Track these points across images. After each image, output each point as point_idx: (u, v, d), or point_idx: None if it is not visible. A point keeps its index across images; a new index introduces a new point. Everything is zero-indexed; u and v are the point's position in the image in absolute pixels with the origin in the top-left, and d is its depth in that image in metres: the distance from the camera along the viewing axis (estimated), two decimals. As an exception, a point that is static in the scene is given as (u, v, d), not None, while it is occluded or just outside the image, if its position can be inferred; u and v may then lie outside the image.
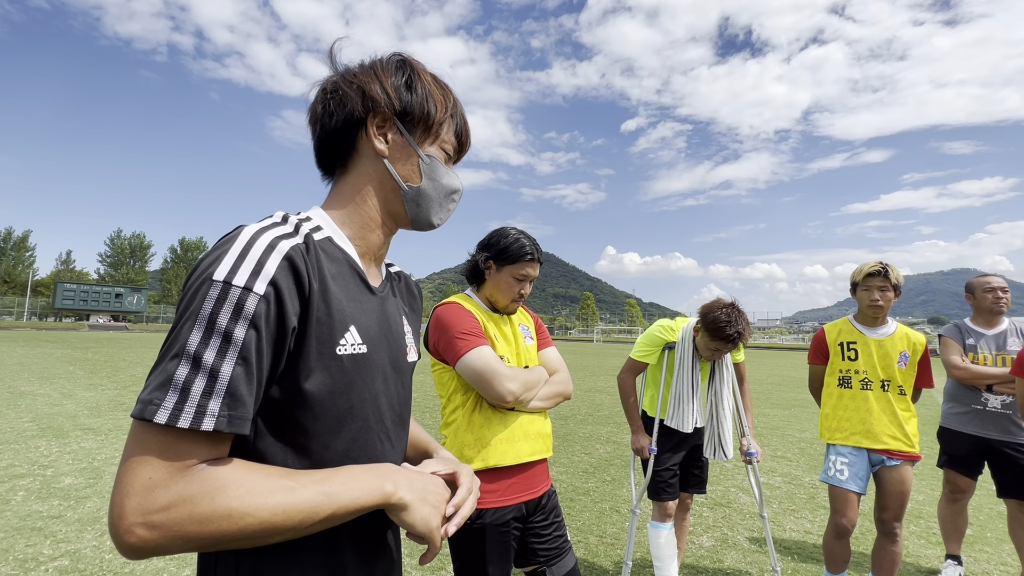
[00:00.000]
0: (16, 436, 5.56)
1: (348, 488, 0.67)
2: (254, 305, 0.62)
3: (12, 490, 3.95)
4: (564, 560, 1.73)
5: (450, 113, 0.87)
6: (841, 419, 2.64)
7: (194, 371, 0.59)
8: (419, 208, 0.86)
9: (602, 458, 5.63)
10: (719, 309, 2.43)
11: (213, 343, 0.60)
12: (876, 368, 2.59)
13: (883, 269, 2.53)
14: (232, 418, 0.60)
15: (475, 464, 1.60)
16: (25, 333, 29.54)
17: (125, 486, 0.57)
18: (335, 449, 0.73)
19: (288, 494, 0.63)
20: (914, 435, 2.53)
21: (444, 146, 0.87)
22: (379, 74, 0.82)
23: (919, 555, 3.40)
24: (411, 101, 0.82)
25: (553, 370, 1.80)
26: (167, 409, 0.58)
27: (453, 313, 1.67)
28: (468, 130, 0.92)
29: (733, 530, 3.70)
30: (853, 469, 2.55)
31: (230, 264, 0.63)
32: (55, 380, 9.97)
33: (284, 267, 0.66)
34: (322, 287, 0.70)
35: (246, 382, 0.62)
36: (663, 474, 2.64)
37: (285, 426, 0.69)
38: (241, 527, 0.59)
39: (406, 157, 0.83)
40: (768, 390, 12.49)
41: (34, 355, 15.10)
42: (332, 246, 0.77)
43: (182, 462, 0.59)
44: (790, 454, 6.08)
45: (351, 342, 0.74)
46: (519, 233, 1.77)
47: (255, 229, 0.69)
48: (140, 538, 0.56)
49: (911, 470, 2.51)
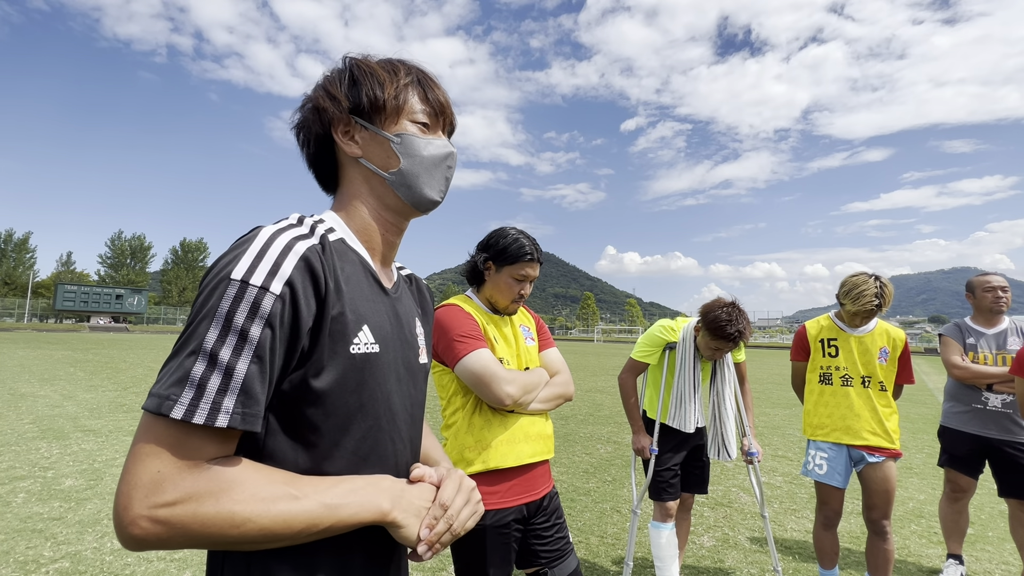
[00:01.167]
0: (17, 438, 5.56)
1: (347, 503, 0.68)
2: (270, 305, 0.63)
3: (13, 492, 3.95)
4: (566, 562, 1.72)
5: (404, 83, 0.84)
6: (822, 415, 2.67)
7: (210, 368, 0.60)
8: (411, 189, 0.84)
9: (603, 458, 5.63)
10: (720, 308, 2.43)
11: (230, 341, 0.61)
12: (856, 364, 2.60)
13: (877, 307, 2.49)
14: (246, 415, 0.62)
15: (476, 466, 1.60)
16: (26, 335, 29.55)
17: (133, 477, 0.58)
18: (345, 447, 0.73)
19: (290, 503, 0.64)
20: (895, 431, 2.55)
21: (414, 117, 0.84)
22: (327, 85, 0.84)
23: (920, 554, 3.40)
24: (358, 93, 0.82)
25: (554, 371, 1.80)
26: (183, 405, 0.59)
27: (453, 315, 1.67)
28: (439, 92, 0.88)
29: (734, 530, 3.70)
30: (832, 464, 2.59)
31: (248, 264, 0.65)
32: (56, 382, 9.98)
33: (301, 267, 0.67)
34: (337, 287, 0.71)
35: (260, 380, 0.63)
36: (664, 474, 2.64)
37: (296, 423, 0.70)
38: (242, 531, 0.60)
39: (378, 147, 0.83)
40: (769, 389, 12.49)
41: (35, 357, 15.10)
42: (345, 247, 0.79)
43: (192, 458, 0.60)
44: (791, 453, 6.08)
45: (364, 341, 0.74)
46: (518, 233, 1.77)
47: (273, 230, 0.70)
48: (144, 530, 0.57)
49: (894, 466, 2.53)
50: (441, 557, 3.02)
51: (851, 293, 2.54)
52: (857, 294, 2.51)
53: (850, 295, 2.54)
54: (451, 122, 0.91)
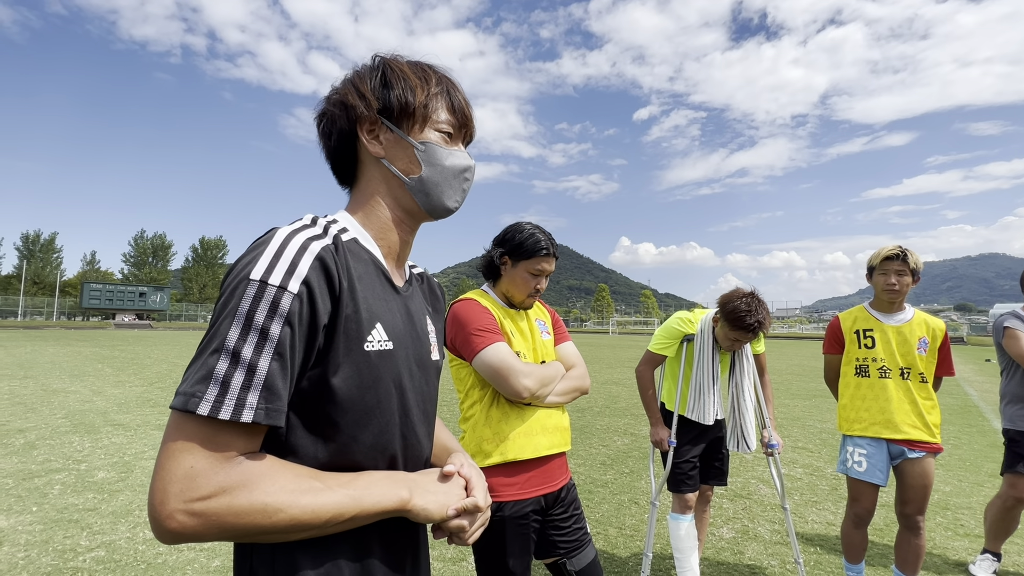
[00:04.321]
0: (51, 432, 5.77)
1: (370, 492, 0.71)
2: (289, 303, 0.65)
3: (49, 484, 4.10)
4: (584, 552, 1.74)
5: (434, 92, 0.85)
6: (859, 409, 2.57)
7: (233, 365, 0.62)
8: (428, 197, 0.86)
9: (620, 450, 5.63)
10: (739, 299, 2.41)
11: (251, 339, 0.63)
12: (895, 355, 2.50)
13: (901, 252, 2.43)
14: (269, 410, 0.63)
15: (494, 458, 1.62)
16: (55, 332, 30.51)
17: (168, 472, 0.60)
18: (363, 442, 0.75)
19: (318, 494, 0.66)
20: (936, 425, 2.45)
21: (439, 127, 0.85)
22: (356, 82, 0.84)
23: (946, 547, 3.34)
24: (388, 96, 0.82)
25: (570, 365, 1.80)
26: (208, 401, 0.60)
27: (470, 309, 1.68)
28: (465, 104, 0.89)
29: (754, 522, 3.68)
30: (872, 460, 2.48)
31: (266, 264, 0.66)
32: (85, 377, 10.30)
33: (316, 267, 0.68)
34: (351, 286, 0.73)
35: (281, 376, 0.65)
36: (683, 466, 2.63)
37: (315, 420, 0.72)
38: (274, 522, 0.63)
39: (402, 151, 0.84)
40: (788, 380, 12.33)
41: (65, 354, 15.60)
42: (358, 247, 0.80)
43: (222, 452, 0.62)
44: (811, 445, 6.01)
45: (378, 339, 0.76)
46: (534, 228, 1.77)
47: (288, 231, 0.72)
48: (181, 524, 0.59)
49: (933, 462, 2.44)
50: (461, 548, 3.07)
51: (877, 253, 2.52)
52: (878, 251, 2.51)
53: (876, 255, 2.53)
54: (472, 133, 0.92)
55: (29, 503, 3.69)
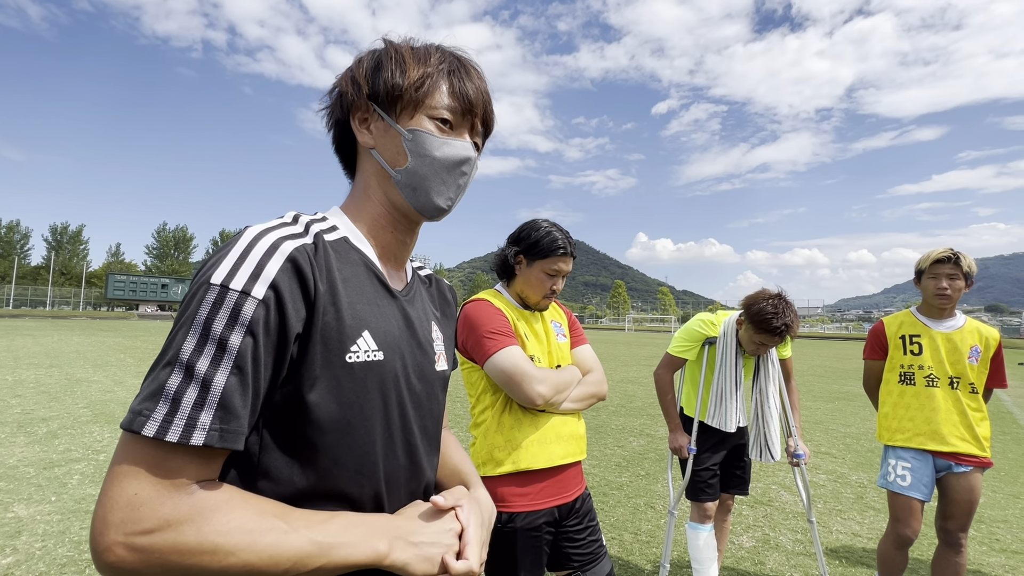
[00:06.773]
0: (73, 421, 5.88)
1: (340, 542, 0.61)
2: (251, 310, 0.58)
3: (68, 474, 4.16)
4: (599, 565, 1.66)
5: (429, 72, 0.74)
6: (903, 419, 2.41)
7: (187, 380, 0.55)
8: (416, 192, 0.76)
9: (636, 452, 5.52)
10: (765, 300, 2.29)
11: (207, 351, 0.56)
12: (944, 363, 2.34)
13: (953, 255, 2.28)
14: (224, 432, 0.56)
15: (506, 467, 1.55)
16: (81, 322, 31.39)
17: (110, 500, 0.53)
18: (346, 465, 0.67)
19: (278, 537, 0.58)
20: (986, 438, 2.29)
21: (434, 113, 0.74)
22: (353, 68, 0.77)
23: (980, 563, 3.18)
24: (377, 79, 0.74)
25: (587, 369, 1.72)
26: (156, 421, 0.54)
27: (482, 311, 1.61)
28: (472, 86, 0.77)
29: (775, 530, 3.55)
30: (916, 475, 2.32)
31: (229, 267, 0.59)
32: (107, 367, 10.53)
33: (287, 269, 0.61)
34: (331, 289, 0.65)
35: (240, 393, 0.57)
36: (703, 474, 2.53)
37: (291, 440, 0.64)
38: (224, 566, 0.55)
39: (391, 140, 0.76)
40: (810, 382, 12.03)
41: (89, 343, 16.00)
42: (347, 246, 0.73)
43: (171, 480, 0.55)
44: (835, 450, 5.82)
45: (364, 348, 0.68)
46: (551, 226, 1.69)
47: (259, 230, 0.65)
48: (119, 558, 0.52)
49: (980, 478, 2.29)
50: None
51: (927, 256, 2.38)
52: (928, 254, 2.37)
53: (926, 257, 2.39)
54: (484, 122, 0.80)
55: (48, 492, 3.74)
